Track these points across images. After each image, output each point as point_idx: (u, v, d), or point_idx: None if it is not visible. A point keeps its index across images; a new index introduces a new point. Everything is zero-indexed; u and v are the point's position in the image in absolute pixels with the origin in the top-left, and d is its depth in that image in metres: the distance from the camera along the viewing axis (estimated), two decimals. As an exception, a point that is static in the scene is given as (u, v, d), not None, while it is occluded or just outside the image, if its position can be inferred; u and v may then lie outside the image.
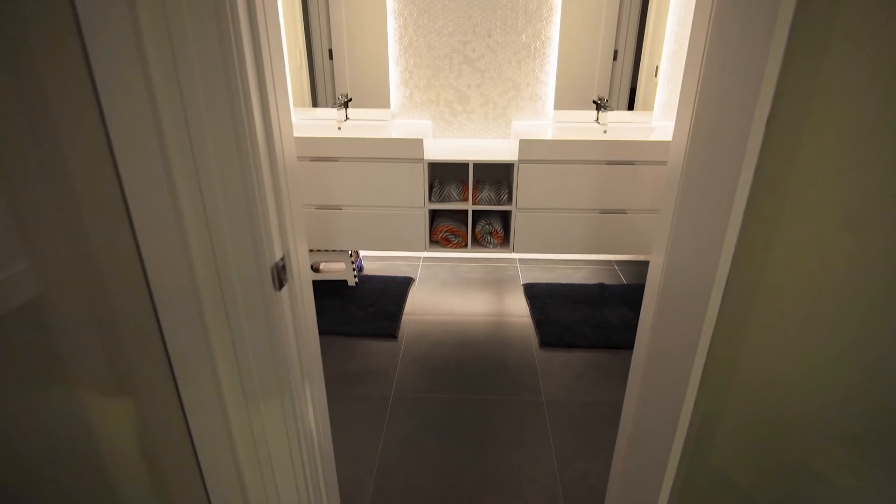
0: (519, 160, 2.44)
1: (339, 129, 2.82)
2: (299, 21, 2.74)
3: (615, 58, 2.81)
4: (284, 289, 0.95)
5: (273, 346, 0.97)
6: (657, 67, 2.82)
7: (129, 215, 0.83)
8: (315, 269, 2.95)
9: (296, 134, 2.74)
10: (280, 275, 0.93)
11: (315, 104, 2.91)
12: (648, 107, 2.86)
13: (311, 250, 2.79)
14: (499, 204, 2.56)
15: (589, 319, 2.53)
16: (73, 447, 1.01)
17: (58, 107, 0.78)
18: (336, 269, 2.98)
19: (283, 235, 0.93)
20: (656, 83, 2.82)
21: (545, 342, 2.35)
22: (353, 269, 2.83)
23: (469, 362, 2.24)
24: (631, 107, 2.88)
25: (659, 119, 2.88)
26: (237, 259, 0.88)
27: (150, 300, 0.90)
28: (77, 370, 0.98)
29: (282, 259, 0.93)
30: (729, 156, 0.75)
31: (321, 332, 2.43)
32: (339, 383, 2.10)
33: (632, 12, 2.71)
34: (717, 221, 0.79)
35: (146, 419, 1.05)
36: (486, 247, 2.66)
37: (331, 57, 2.83)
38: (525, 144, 2.41)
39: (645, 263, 3.14)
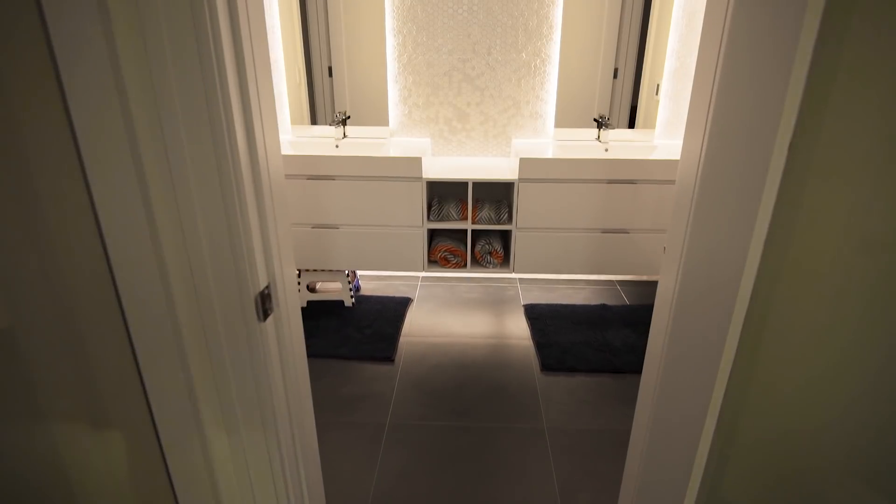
0: (519, 179, 2.40)
1: (337, 146, 2.79)
2: (298, 39, 2.73)
3: (615, 76, 2.79)
4: (270, 318, 0.90)
5: (257, 379, 0.91)
6: (658, 85, 2.79)
7: (102, 241, 0.78)
8: (311, 288, 2.89)
9: (293, 152, 2.71)
10: (265, 304, 0.87)
11: (314, 122, 2.88)
12: (650, 125, 2.83)
13: (307, 270, 2.74)
14: (499, 223, 2.52)
15: (591, 342, 2.46)
16: (44, 483, 0.95)
17: (27, 123, 0.73)
18: (333, 288, 2.92)
19: (268, 262, 0.88)
20: (658, 101, 2.80)
21: (546, 366, 2.29)
22: (350, 290, 2.77)
23: (468, 387, 2.17)
24: (632, 125, 2.84)
25: (661, 137, 2.84)
26: (218, 289, 0.83)
27: (125, 331, 0.85)
28: (49, 403, 0.92)
29: (267, 287, 0.88)
30: (749, 178, 0.70)
31: (316, 355, 2.39)
32: (333, 409, 2.03)
33: (632, 30, 2.69)
34: (738, 245, 0.74)
35: (121, 454, 0.98)
36: (485, 267, 2.61)
37: (330, 75, 2.81)
38: (525, 163, 2.37)
39: (648, 284, 3.08)
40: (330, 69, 2.81)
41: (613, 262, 2.56)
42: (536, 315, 2.69)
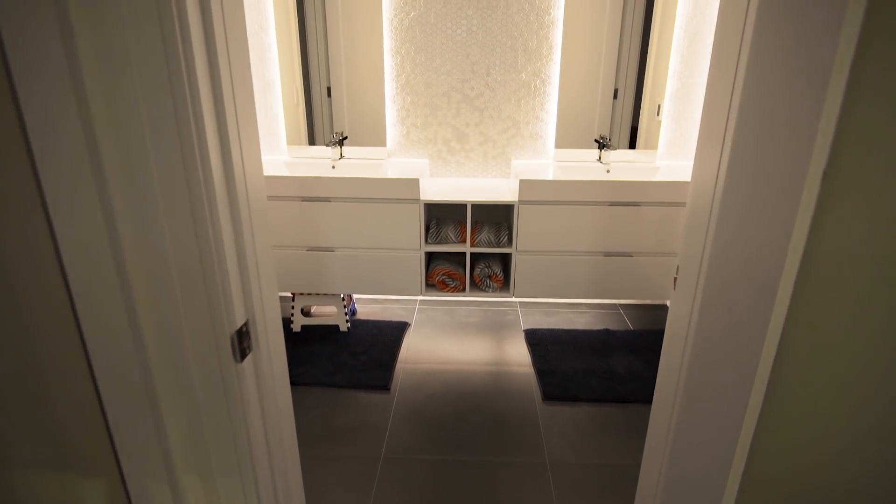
0: (519, 201, 2.34)
1: (334, 167, 2.74)
2: (297, 59, 2.69)
3: (615, 96, 2.75)
4: (248, 358, 0.82)
5: (234, 424, 0.83)
6: (659, 106, 2.75)
7: (64, 275, 0.71)
8: (306, 312, 2.81)
9: (289, 173, 2.65)
10: (242, 343, 0.80)
11: (312, 142, 2.83)
12: (651, 146, 2.78)
13: (301, 294, 2.66)
14: (498, 246, 2.45)
15: (594, 369, 2.38)
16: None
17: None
18: (328, 312, 2.84)
19: (246, 296, 0.81)
20: (659, 122, 2.75)
21: (548, 395, 2.20)
22: (346, 314, 2.69)
23: (466, 417, 2.08)
24: (632, 146, 2.80)
25: (663, 158, 2.79)
26: (191, 329, 0.76)
27: (90, 373, 0.77)
28: (6, 450, 0.85)
29: (245, 324, 0.81)
30: (778, 207, 0.63)
31: (309, 383, 2.30)
32: (325, 442, 1.93)
33: (631, 51, 2.66)
34: (767, 274, 0.67)
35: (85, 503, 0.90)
36: (485, 291, 2.53)
37: (329, 95, 2.77)
38: (525, 185, 2.31)
39: (652, 308, 3.00)
40: (329, 90, 2.77)
41: (616, 287, 2.48)
42: (537, 341, 2.61)
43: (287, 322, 2.77)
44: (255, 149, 0.81)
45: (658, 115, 2.77)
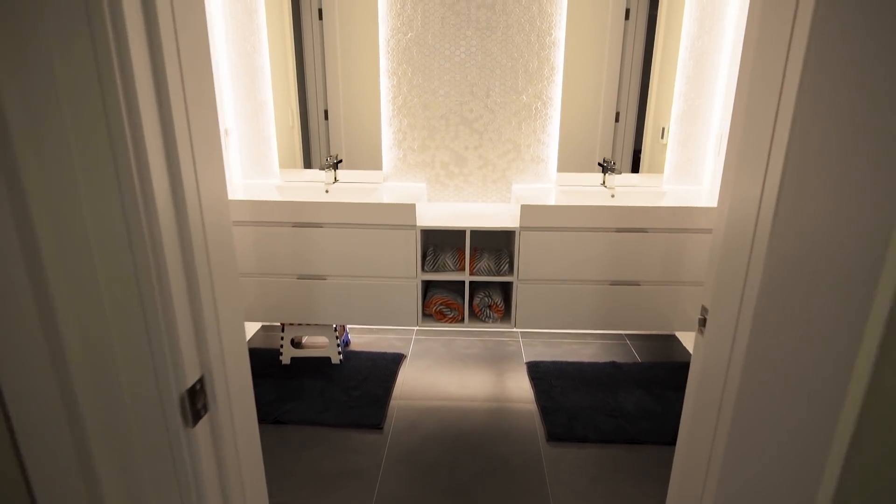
0: (521, 227, 2.23)
1: (327, 192, 2.63)
2: (293, 81, 2.61)
3: (617, 119, 2.66)
4: (203, 420, 0.69)
5: (184, 500, 0.69)
6: (664, 129, 2.66)
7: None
8: (297, 343, 2.67)
9: (280, 197, 2.54)
10: (195, 404, 0.67)
11: (309, 166, 2.73)
12: (655, 169, 2.68)
13: (291, 324, 2.53)
14: (499, 274, 2.32)
15: (601, 406, 2.23)
16: None
17: None
18: (320, 343, 2.70)
19: (200, 347, 0.68)
20: (663, 145, 2.66)
21: (553, 435, 2.05)
22: (339, 345, 2.55)
23: (465, 460, 1.93)
24: (635, 169, 2.70)
25: (670, 182, 2.69)
26: (132, 389, 0.63)
27: (13, 447, 0.64)
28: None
29: (199, 381, 0.68)
30: (867, 225, 0.51)
31: (297, 422, 2.15)
32: (310, 489, 1.78)
33: (633, 73, 2.58)
34: (849, 316, 0.54)
35: None
36: (484, 321, 2.40)
37: (326, 118, 2.69)
38: (527, 210, 2.20)
39: (660, 339, 2.86)
40: (326, 112, 2.69)
41: (623, 317, 2.35)
42: (540, 374, 2.47)
43: (276, 354, 2.63)
44: (217, 170, 0.70)
45: (662, 138, 2.68)
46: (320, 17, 2.56)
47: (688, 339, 2.76)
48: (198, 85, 0.64)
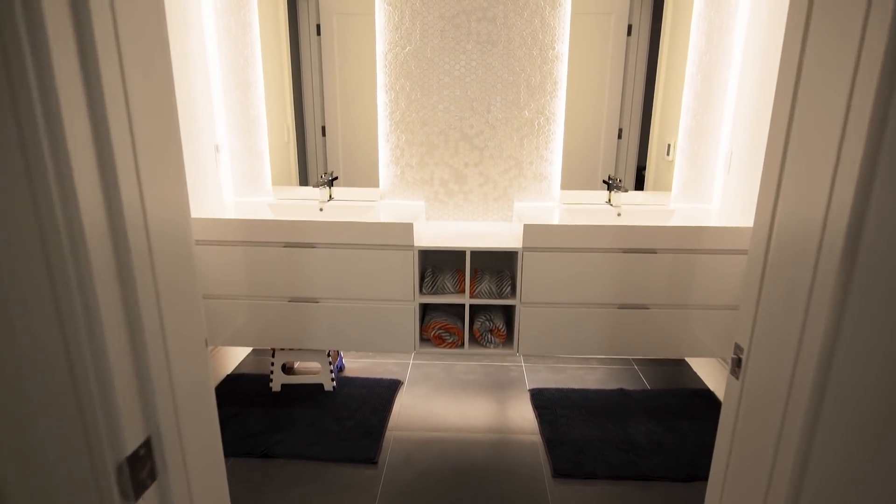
0: (523, 247, 2.12)
1: (322, 210, 2.53)
2: (289, 96, 2.52)
3: (619, 136, 2.57)
4: (150, 491, 0.57)
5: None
6: (670, 145, 2.57)
7: None
8: (289, 368, 2.54)
9: (272, 216, 2.44)
10: (137, 473, 0.55)
11: (305, 182, 2.63)
12: (661, 187, 2.58)
13: (282, 349, 2.40)
14: (500, 297, 2.21)
15: (611, 438, 2.09)
16: None
17: None
18: (312, 369, 2.57)
19: (146, 403, 0.56)
20: (669, 162, 2.56)
21: (559, 470, 1.91)
22: (331, 371, 2.42)
23: (465, 499, 1.79)
24: (639, 187, 2.60)
25: (678, 201, 2.59)
26: (58, 459, 0.51)
27: None
28: None
29: (144, 445, 0.56)
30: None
31: (285, 455, 2.00)
32: (298, 531, 1.64)
33: (636, 89, 2.49)
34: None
35: None
36: (486, 347, 2.28)
37: (324, 134, 2.60)
38: (530, 230, 2.09)
39: (670, 364, 2.74)
40: (323, 128, 2.60)
41: (632, 342, 2.23)
42: (545, 403, 2.33)
43: (267, 380, 2.50)
44: (174, 186, 0.59)
45: (668, 155, 2.58)
46: (318, 33, 2.49)
47: (699, 365, 2.63)
48: (146, 89, 0.53)
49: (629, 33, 2.45)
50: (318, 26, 2.47)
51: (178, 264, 0.61)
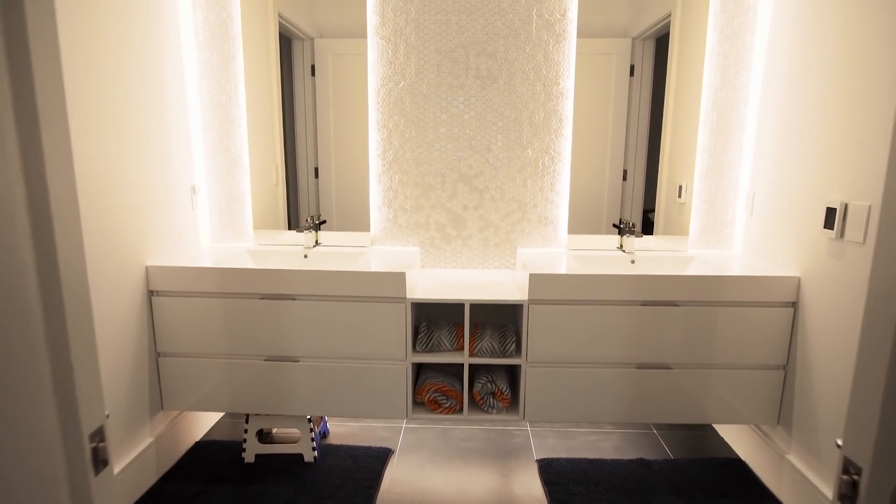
0: (529, 300, 1.88)
1: (306, 256, 2.30)
2: (278, 136, 2.34)
3: (624, 178, 2.39)
4: None
5: None
6: (681, 187, 2.38)
7: None
8: (266, 435, 2.26)
9: (253, 264, 2.22)
10: None
11: (297, 226, 2.42)
12: (672, 231, 2.37)
13: (257, 415, 2.12)
14: (503, 356, 1.96)
15: (633, 521, 1.80)
16: None
17: None
18: (292, 437, 2.29)
19: None
20: (681, 204, 2.36)
21: (576, 566, 1.62)
22: (313, 440, 2.14)
23: None
24: (646, 231, 2.40)
25: (696, 246, 2.37)
26: None
27: None
28: None
29: None
30: None
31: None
32: None
33: (640, 130, 2.32)
34: None
35: None
36: (487, 412, 2.01)
37: (317, 175, 2.41)
38: (537, 280, 1.86)
39: (694, 429, 2.46)
40: (316, 170, 2.41)
41: (652, 406, 1.97)
42: (555, 477, 2.04)
43: (240, 448, 2.21)
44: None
45: (680, 196, 2.39)
46: (313, 74, 2.33)
47: (726, 430, 2.36)
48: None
49: (632, 73, 2.30)
50: (314, 67, 2.32)
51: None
